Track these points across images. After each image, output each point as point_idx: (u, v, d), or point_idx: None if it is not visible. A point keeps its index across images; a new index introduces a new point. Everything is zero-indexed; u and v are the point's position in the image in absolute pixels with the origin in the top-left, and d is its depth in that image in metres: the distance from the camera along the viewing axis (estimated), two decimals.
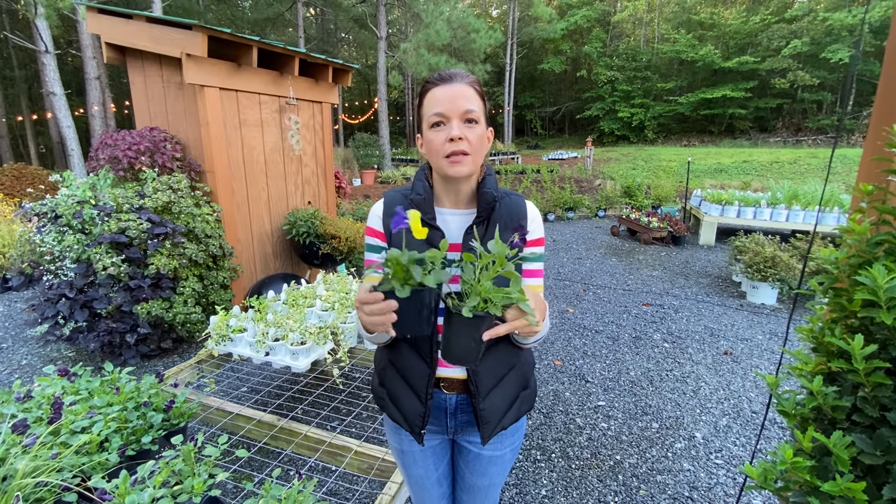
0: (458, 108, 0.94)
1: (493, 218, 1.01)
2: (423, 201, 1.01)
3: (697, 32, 24.34)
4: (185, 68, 3.29)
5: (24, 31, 15.62)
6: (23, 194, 8.30)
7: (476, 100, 0.96)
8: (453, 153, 0.94)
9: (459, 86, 0.95)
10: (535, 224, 1.04)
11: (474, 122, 0.96)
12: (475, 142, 0.96)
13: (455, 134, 0.93)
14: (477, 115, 0.95)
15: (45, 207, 3.13)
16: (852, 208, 1.08)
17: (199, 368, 2.67)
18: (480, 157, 0.99)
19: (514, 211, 1.03)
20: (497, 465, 1.15)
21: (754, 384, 2.96)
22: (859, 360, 0.81)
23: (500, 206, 1.02)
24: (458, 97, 0.94)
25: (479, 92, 0.98)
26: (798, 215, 6.02)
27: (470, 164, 0.97)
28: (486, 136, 1.00)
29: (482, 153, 0.99)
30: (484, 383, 1.02)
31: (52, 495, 1.30)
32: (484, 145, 0.99)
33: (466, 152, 0.95)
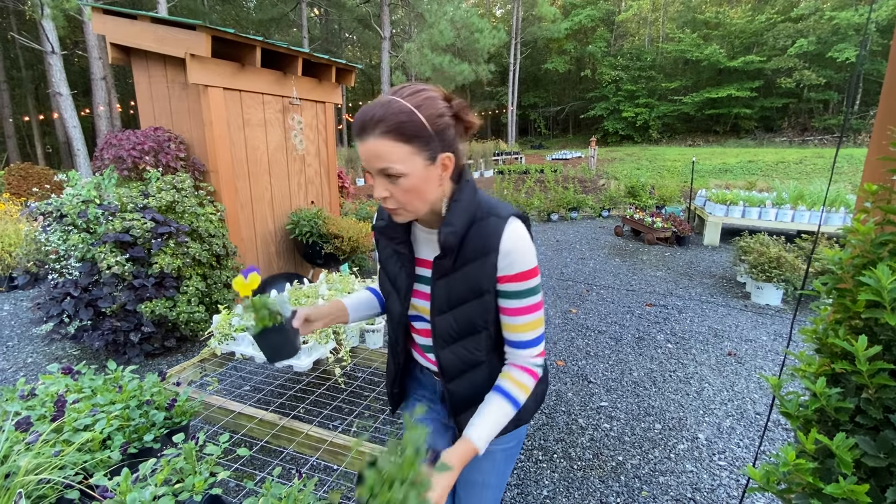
0: (373, 167, 0.85)
1: (463, 248, 0.92)
2: (386, 227, 1.01)
3: (702, 32, 24.24)
4: (189, 68, 3.31)
5: (30, 31, 15.75)
6: (29, 194, 8.36)
7: (395, 150, 0.82)
8: (386, 207, 0.90)
9: (371, 142, 0.82)
10: (514, 257, 0.90)
11: (398, 177, 0.84)
12: (403, 196, 0.87)
13: (377, 195, 0.88)
14: (397, 170, 0.83)
15: (51, 207, 3.16)
16: (857, 208, 1.07)
17: (202, 367, 2.68)
18: (421, 202, 0.89)
19: (485, 240, 0.90)
20: (488, 462, 1.11)
21: (758, 385, 2.94)
22: (863, 361, 0.80)
23: (472, 232, 0.91)
24: (370, 156, 0.84)
25: (406, 135, 0.82)
26: (803, 215, 5.98)
27: (406, 215, 0.91)
28: (426, 177, 0.86)
29: (422, 197, 0.88)
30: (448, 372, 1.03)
31: (55, 492, 1.30)
32: (422, 190, 0.87)
33: (394, 208, 0.89)
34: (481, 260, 0.91)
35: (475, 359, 1.01)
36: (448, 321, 0.98)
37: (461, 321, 0.97)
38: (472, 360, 1.01)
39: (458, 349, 1.00)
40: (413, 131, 0.82)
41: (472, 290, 0.94)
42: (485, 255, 0.90)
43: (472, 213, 0.92)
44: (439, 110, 0.85)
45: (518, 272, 0.91)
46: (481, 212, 0.92)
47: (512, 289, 0.93)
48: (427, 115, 0.83)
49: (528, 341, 0.96)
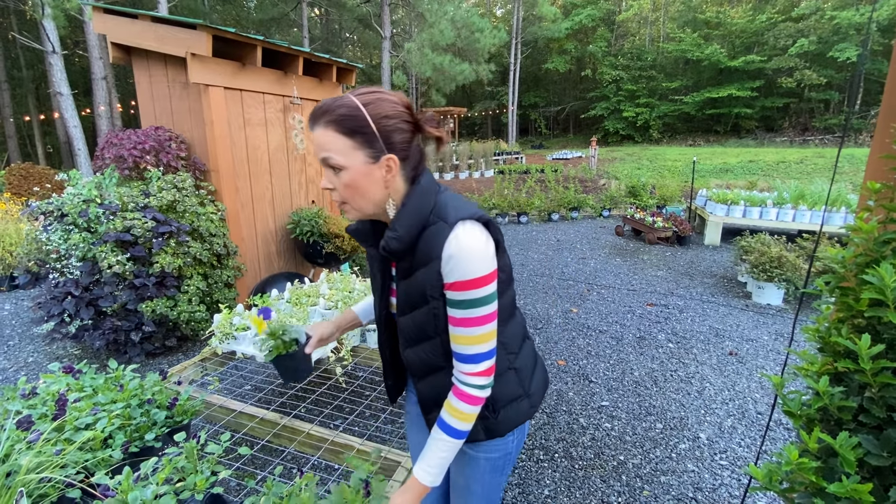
0: (318, 157, 0.88)
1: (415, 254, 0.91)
2: (357, 230, 1.03)
3: (703, 31, 24.22)
4: (189, 68, 3.31)
5: (31, 31, 15.76)
6: (30, 193, 8.37)
7: (337, 141, 0.84)
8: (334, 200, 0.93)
9: (317, 131, 0.85)
10: (454, 264, 0.85)
11: (338, 169, 0.86)
12: (344, 190, 0.88)
13: (322, 186, 0.90)
14: (337, 162, 0.85)
15: (52, 206, 3.16)
16: (860, 206, 1.06)
17: (203, 366, 2.68)
18: (367, 199, 0.90)
19: (430, 247, 0.88)
20: (470, 467, 1.10)
21: (759, 385, 2.93)
22: (866, 360, 0.80)
23: (424, 236, 0.89)
24: (315, 145, 0.86)
25: (346, 129, 0.83)
26: (804, 215, 5.97)
27: (353, 212, 0.92)
28: (367, 175, 0.87)
29: (364, 196, 0.89)
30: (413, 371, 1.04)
31: (56, 491, 1.30)
32: (362, 188, 0.88)
33: (340, 201, 0.91)
34: (427, 266, 0.89)
35: (434, 363, 0.99)
36: (408, 323, 0.98)
37: (416, 325, 0.96)
38: (431, 363, 0.99)
39: (418, 351, 0.99)
40: (355, 126, 0.83)
41: (420, 297, 0.92)
42: (429, 262, 0.88)
43: (422, 218, 0.89)
44: (387, 112, 0.85)
45: (457, 280, 0.86)
46: (434, 216, 0.90)
47: (453, 297, 0.89)
48: (373, 114, 0.84)
49: (466, 356, 0.92)
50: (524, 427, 1.12)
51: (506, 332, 1.03)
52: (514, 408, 1.05)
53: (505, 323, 1.02)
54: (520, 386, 1.07)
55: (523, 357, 1.09)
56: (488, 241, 0.89)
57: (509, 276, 1.00)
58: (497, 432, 1.04)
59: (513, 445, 1.10)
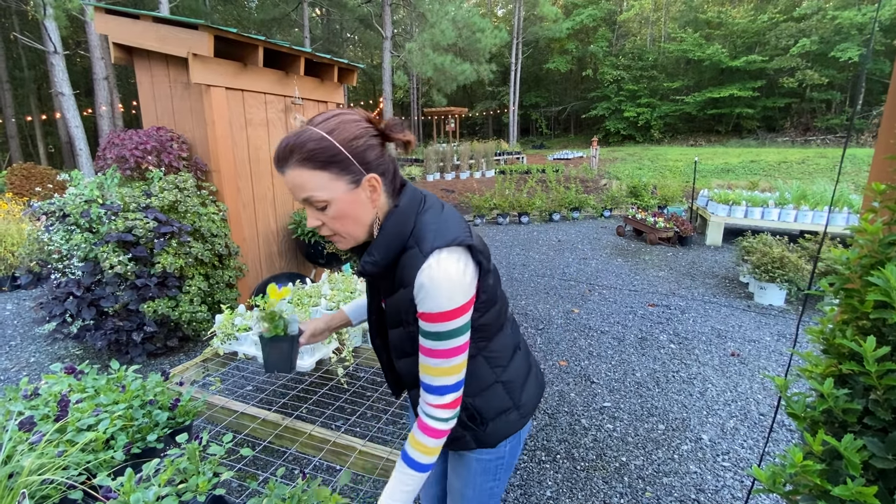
0: (297, 198, 0.85)
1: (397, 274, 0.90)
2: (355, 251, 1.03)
3: (704, 31, 24.20)
4: (191, 68, 3.31)
5: (33, 32, 15.79)
6: (31, 193, 8.39)
7: (314, 179, 0.81)
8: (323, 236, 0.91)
9: (289, 173, 0.82)
10: (424, 294, 0.83)
11: (322, 205, 0.84)
12: (334, 223, 0.87)
13: (310, 225, 0.88)
14: (320, 198, 0.82)
15: (54, 206, 3.16)
16: (864, 208, 1.06)
17: (205, 367, 2.68)
18: (356, 226, 0.88)
19: (405, 273, 0.87)
20: (462, 467, 1.10)
21: (762, 386, 2.93)
22: (871, 362, 0.79)
23: (402, 259, 0.88)
24: (291, 187, 0.84)
25: (321, 161, 0.80)
26: (806, 215, 5.96)
27: (345, 242, 0.91)
28: (353, 201, 0.85)
29: (356, 222, 0.88)
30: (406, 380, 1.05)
31: (58, 493, 1.30)
32: (352, 215, 0.86)
33: (329, 234, 0.90)
34: (402, 291, 0.88)
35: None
36: (395, 336, 0.97)
37: (400, 341, 0.96)
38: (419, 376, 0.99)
39: (408, 363, 0.98)
40: (327, 157, 0.80)
41: (398, 318, 0.92)
42: (404, 288, 0.87)
43: (401, 241, 0.87)
44: (354, 133, 0.82)
45: (427, 311, 0.84)
46: (413, 240, 0.87)
47: (423, 327, 0.86)
48: (341, 140, 0.81)
49: (432, 387, 0.89)
50: (519, 435, 1.10)
51: (492, 347, 1.02)
52: (502, 420, 1.04)
53: (491, 338, 1.01)
54: (509, 399, 1.05)
55: (513, 370, 1.07)
56: (466, 270, 0.86)
57: (491, 296, 0.97)
58: (486, 443, 1.03)
59: (506, 450, 1.08)
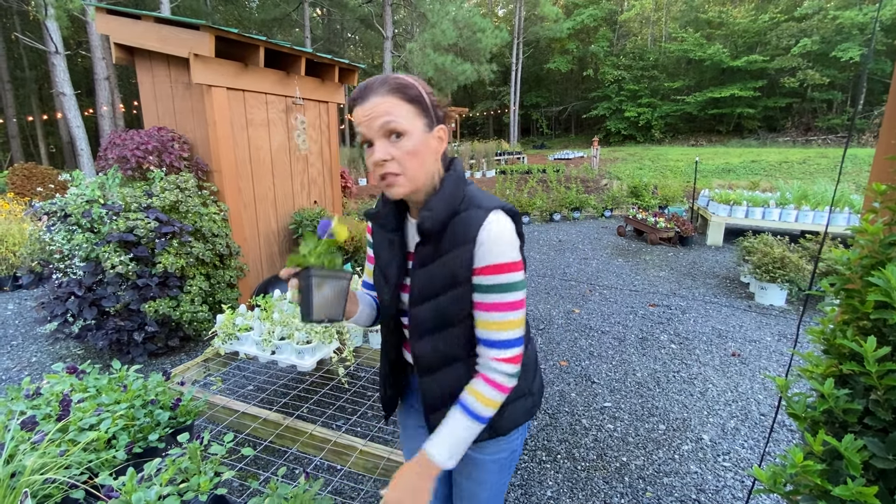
0: (374, 126, 0.85)
1: (444, 238, 0.91)
2: (378, 214, 1.01)
3: (705, 31, 24.17)
4: (192, 68, 3.31)
5: (34, 32, 15.81)
6: (33, 193, 8.40)
7: (401, 107, 0.84)
8: (382, 177, 0.88)
9: (375, 99, 0.84)
10: (489, 247, 0.87)
11: (400, 135, 0.85)
12: (405, 159, 0.86)
13: (377, 158, 0.86)
14: (401, 127, 0.84)
15: (55, 206, 3.17)
16: (865, 208, 1.06)
17: (206, 367, 2.68)
18: (421, 169, 0.88)
19: (466, 230, 0.88)
20: (479, 469, 1.08)
21: (762, 386, 2.93)
22: (872, 362, 0.80)
23: (455, 222, 0.90)
24: (373, 114, 0.84)
25: (409, 96, 0.85)
26: (807, 216, 5.95)
27: (406, 185, 0.88)
28: (426, 142, 0.88)
29: (423, 165, 0.88)
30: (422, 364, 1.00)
31: (60, 492, 1.31)
32: (422, 155, 0.87)
33: (395, 173, 0.87)
34: (459, 250, 0.89)
35: (451, 354, 0.97)
36: (427, 312, 0.95)
37: (437, 313, 0.94)
38: (448, 354, 0.97)
39: (435, 341, 0.97)
40: (414, 95, 0.86)
41: (448, 281, 0.91)
42: (462, 245, 0.89)
43: (454, 204, 0.91)
44: (430, 90, 0.90)
45: (492, 264, 0.88)
46: (465, 204, 0.91)
47: (486, 282, 0.89)
48: (424, 89, 0.88)
49: (495, 341, 0.91)
50: (528, 425, 1.12)
51: None
52: (518, 405, 1.05)
53: None
54: (524, 382, 1.06)
55: (528, 356, 1.08)
56: (514, 233, 0.91)
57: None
58: (501, 430, 1.03)
59: (518, 443, 1.09)
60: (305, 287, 0.89)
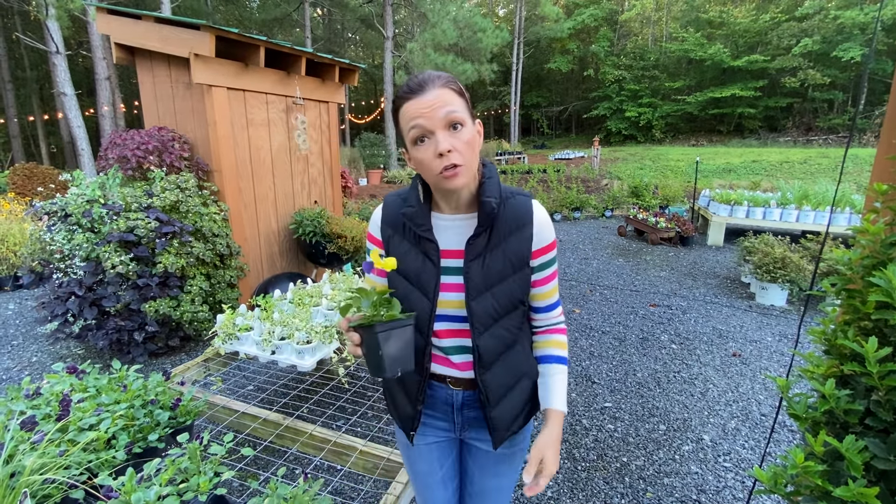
0: (438, 117, 0.86)
1: (497, 225, 0.95)
2: (416, 213, 0.97)
3: (706, 31, 24.14)
4: (193, 68, 3.31)
5: (35, 32, 15.82)
6: (34, 193, 8.40)
7: (456, 100, 0.88)
8: (445, 168, 0.87)
9: (434, 91, 0.86)
10: (544, 227, 0.98)
11: (460, 126, 0.88)
12: (465, 149, 0.88)
13: (443, 148, 0.86)
14: (461, 117, 0.88)
15: (56, 206, 3.17)
16: (866, 208, 1.06)
17: (206, 367, 2.68)
18: (475, 160, 0.93)
19: (520, 214, 0.96)
20: (507, 464, 1.13)
21: (763, 386, 2.92)
22: (873, 362, 0.79)
23: (504, 209, 0.95)
24: (435, 105, 0.86)
25: (458, 90, 0.90)
26: (808, 216, 5.95)
27: (466, 175, 0.90)
28: (475, 134, 0.92)
29: (475, 155, 0.92)
30: (493, 392, 1.00)
31: (60, 492, 1.31)
32: (475, 146, 0.92)
33: (459, 164, 0.88)
34: (518, 233, 0.96)
35: (511, 338, 1.01)
36: (488, 302, 0.96)
37: (502, 299, 0.96)
38: (508, 340, 1.01)
39: (497, 331, 0.98)
40: (461, 90, 0.92)
41: (512, 265, 0.97)
42: (521, 228, 0.96)
43: (499, 191, 0.96)
44: None
45: (548, 243, 0.99)
46: (506, 192, 0.98)
47: (545, 259, 1.00)
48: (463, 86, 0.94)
49: (553, 303, 1.06)
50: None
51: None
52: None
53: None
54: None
55: None
56: None
57: None
58: (536, 407, 1.11)
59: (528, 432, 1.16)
60: (372, 344, 0.84)
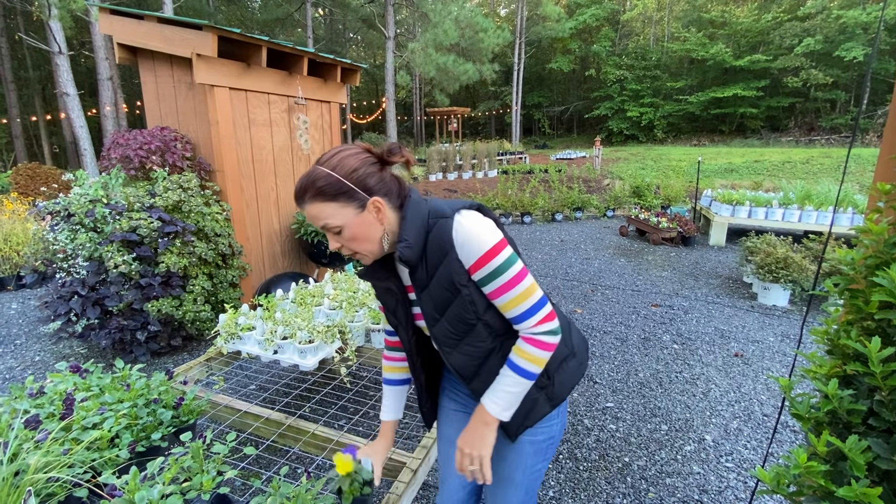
0: (318, 227, 0.99)
1: (427, 257, 0.99)
2: (367, 273, 1.09)
3: (708, 31, 24.10)
4: (195, 68, 3.32)
5: (38, 32, 15.87)
6: (37, 193, 8.43)
7: (326, 209, 0.94)
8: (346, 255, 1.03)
9: (307, 207, 0.96)
10: (469, 247, 0.94)
11: (338, 229, 0.96)
12: (350, 243, 0.99)
13: (332, 247, 1.01)
14: (335, 224, 0.95)
15: (59, 206, 3.18)
16: (869, 208, 1.06)
17: (209, 366, 2.69)
18: (371, 242, 0.99)
19: (441, 242, 0.96)
20: (513, 453, 1.15)
21: (765, 387, 2.92)
22: (876, 362, 0.79)
23: (430, 239, 0.98)
24: (310, 218, 0.98)
25: (330, 194, 0.93)
26: (811, 216, 5.93)
27: (366, 256, 1.02)
28: (362, 222, 0.96)
29: (371, 237, 0.98)
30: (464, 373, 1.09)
31: (64, 491, 1.31)
32: (364, 233, 0.97)
33: (350, 254, 1.01)
34: (445, 260, 0.96)
35: (483, 350, 1.04)
36: (443, 327, 1.03)
37: (455, 323, 1.02)
38: (480, 352, 1.05)
39: (464, 348, 1.05)
40: (334, 191, 0.93)
41: (451, 290, 0.98)
42: (445, 255, 0.96)
43: (423, 224, 0.98)
44: (353, 166, 0.94)
45: (479, 256, 0.94)
46: (432, 219, 0.98)
47: (483, 273, 0.96)
48: (343, 174, 0.93)
49: (521, 314, 0.98)
50: (564, 408, 1.19)
51: None
52: (565, 369, 1.14)
53: None
54: (564, 345, 1.15)
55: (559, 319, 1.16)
56: (485, 219, 0.98)
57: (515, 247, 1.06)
58: (558, 397, 1.13)
59: (556, 429, 1.18)
60: None
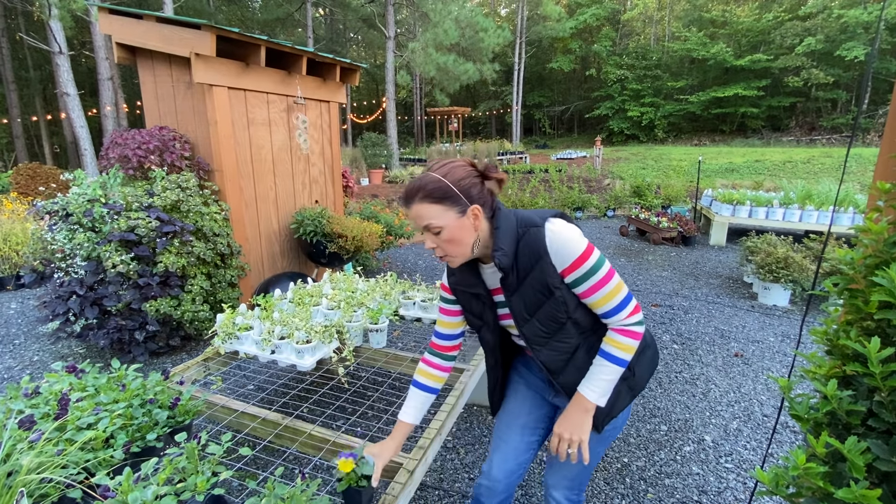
0: (419, 226, 1.09)
1: (518, 264, 1.08)
2: (458, 281, 1.22)
3: (709, 30, 24.06)
4: (194, 68, 3.31)
5: (38, 32, 15.89)
6: (36, 193, 8.43)
7: (433, 210, 1.05)
8: (439, 257, 1.12)
9: (415, 207, 1.06)
10: (563, 252, 1.05)
11: (439, 230, 1.06)
12: (447, 245, 1.08)
13: (427, 247, 1.11)
14: (437, 225, 1.05)
15: (57, 206, 3.17)
16: (869, 207, 1.05)
17: (206, 366, 2.68)
18: (464, 245, 1.08)
19: (534, 249, 1.07)
20: None
21: (765, 387, 2.91)
22: (875, 363, 0.78)
23: (521, 245, 1.07)
24: (415, 217, 1.07)
25: (437, 197, 1.04)
26: (811, 215, 5.92)
27: (456, 260, 1.12)
28: (461, 227, 1.06)
29: (465, 241, 1.08)
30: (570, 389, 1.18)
31: (57, 491, 1.30)
32: (460, 237, 1.07)
33: (442, 256, 1.11)
34: (538, 266, 1.06)
35: (571, 346, 1.15)
36: (534, 326, 1.13)
37: (546, 322, 1.12)
38: (568, 348, 1.15)
39: (553, 345, 1.15)
40: (442, 194, 1.04)
41: (542, 293, 1.08)
42: (538, 261, 1.06)
43: (514, 233, 1.08)
44: (461, 175, 1.06)
45: (572, 261, 1.05)
46: (522, 228, 1.08)
47: (575, 276, 1.06)
48: (452, 181, 1.05)
49: (611, 310, 1.09)
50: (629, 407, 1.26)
51: None
52: (643, 360, 1.23)
53: None
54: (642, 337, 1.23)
55: None
56: (571, 225, 1.10)
57: None
58: (639, 387, 1.22)
59: (621, 420, 1.26)
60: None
